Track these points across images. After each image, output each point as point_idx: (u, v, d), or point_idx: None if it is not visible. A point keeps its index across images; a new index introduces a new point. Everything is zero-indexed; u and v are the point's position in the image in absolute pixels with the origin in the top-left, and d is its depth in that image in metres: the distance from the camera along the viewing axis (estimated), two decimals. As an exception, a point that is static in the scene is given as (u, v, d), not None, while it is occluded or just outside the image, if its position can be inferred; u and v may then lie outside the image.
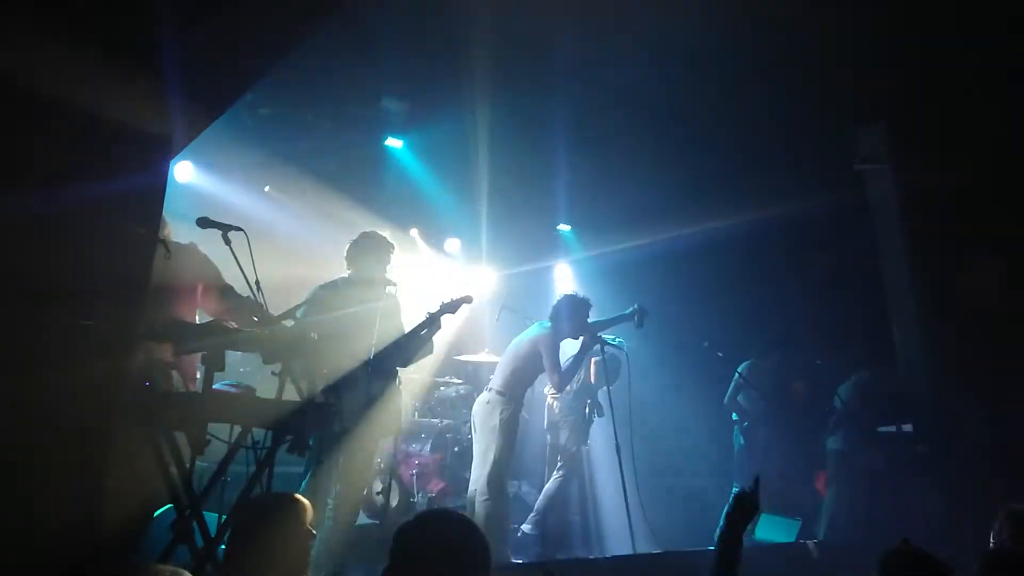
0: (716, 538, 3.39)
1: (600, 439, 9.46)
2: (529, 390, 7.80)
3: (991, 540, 4.44)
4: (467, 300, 6.86)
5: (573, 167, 9.56)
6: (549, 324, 7.59)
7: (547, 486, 8.56)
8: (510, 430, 7.36)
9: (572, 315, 7.61)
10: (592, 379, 8.79)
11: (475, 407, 7.62)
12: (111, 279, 3.49)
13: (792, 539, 8.90)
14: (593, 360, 8.56)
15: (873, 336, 9.54)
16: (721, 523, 3.39)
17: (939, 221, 8.68)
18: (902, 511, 8.52)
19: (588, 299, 7.82)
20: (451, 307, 6.74)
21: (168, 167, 3.83)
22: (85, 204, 3.40)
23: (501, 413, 7.30)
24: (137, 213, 3.54)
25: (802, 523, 9.16)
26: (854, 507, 8.92)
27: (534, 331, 7.63)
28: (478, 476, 7.32)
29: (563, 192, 10.39)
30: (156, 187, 3.70)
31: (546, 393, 8.86)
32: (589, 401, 8.65)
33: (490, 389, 7.50)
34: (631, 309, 8.06)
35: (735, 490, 8.83)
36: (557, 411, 8.77)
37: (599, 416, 8.69)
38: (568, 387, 8.40)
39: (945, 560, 3.54)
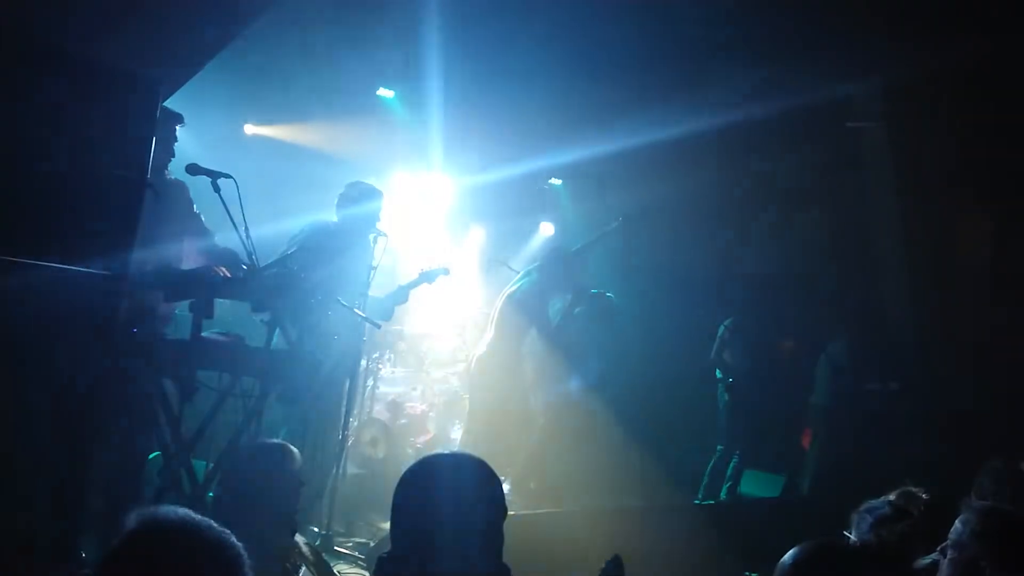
0: None
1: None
2: None
3: (972, 496, 4.49)
4: (445, 272, 6.95)
5: (566, 121, 9.49)
6: (536, 276, 7.54)
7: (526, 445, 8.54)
8: (507, 384, 7.40)
9: (559, 269, 7.56)
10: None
11: (472, 362, 7.62)
12: (99, 224, 3.46)
13: (776, 494, 8.99)
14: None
15: (862, 295, 9.57)
16: None
17: (931, 181, 8.67)
18: (886, 467, 8.60)
19: (576, 253, 7.78)
20: (429, 276, 6.84)
21: (156, 111, 3.78)
22: (73, 147, 3.36)
23: (498, 367, 7.32)
24: (126, 157, 3.50)
25: (787, 478, 9.25)
26: (838, 462, 8.99)
27: (522, 284, 7.60)
28: (470, 428, 7.37)
29: (555, 146, 10.32)
30: (145, 131, 3.65)
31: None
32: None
33: (486, 344, 7.50)
34: (615, 224, 8.02)
35: (719, 448, 8.90)
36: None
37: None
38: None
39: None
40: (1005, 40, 7.34)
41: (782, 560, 2.40)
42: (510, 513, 2.49)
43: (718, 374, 9.31)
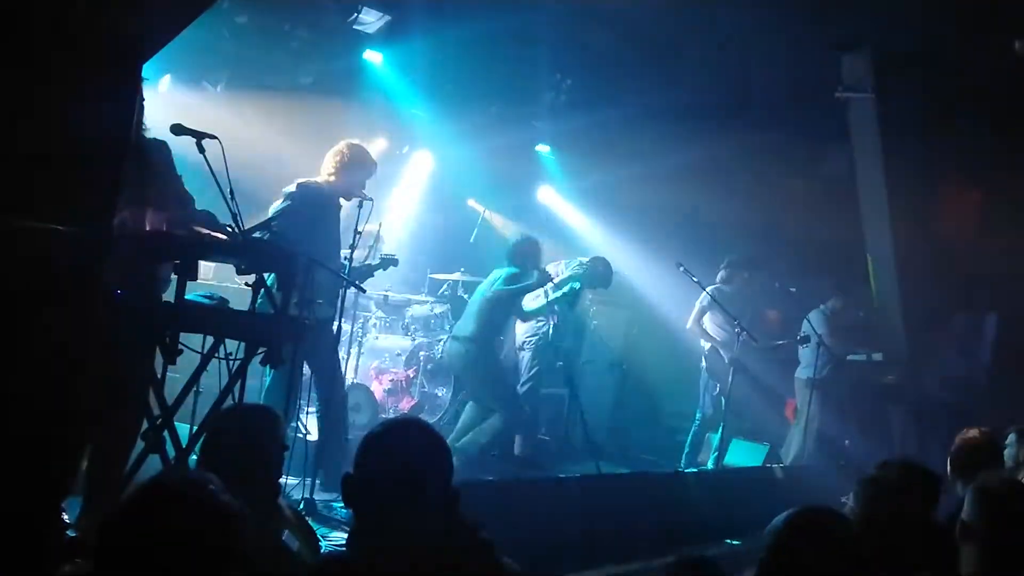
0: None
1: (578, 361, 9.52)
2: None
3: (948, 468, 4.54)
4: (395, 263, 7.17)
5: (554, 87, 9.44)
6: (512, 269, 7.78)
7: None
8: (493, 375, 7.57)
9: (531, 255, 7.86)
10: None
11: (452, 357, 7.78)
12: (81, 183, 3.41)
13: (759, 463, 9.05)
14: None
15: (848, 265, 9.59)
16: None
17: (919, 151, 8.67)
18: (869, 438, 8.66)
19: (536, 239, 8.10)
20: (384, 264, 7.08)
21: (139, 70, 3.72)
22: (52, 105, 3.31)
23: (477, 362, 7.49)
24: (108, 116, 3.45)
25: (770, 448, 9.31)
26: (822, 434, 9.05)
27: (498, 276, 7.77)
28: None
29: (543, 112, 10.28)
30: (127, 90, 3.60)
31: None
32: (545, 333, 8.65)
33: (464, 338, 7.63)
34: (585, 263, 8.16)
35: (698, 416, 8.95)
36: (517, 345, 8.77)
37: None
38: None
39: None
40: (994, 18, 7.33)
41: (774, 523, 2.38)
42: (496, 479, 2.52)
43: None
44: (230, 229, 4.64)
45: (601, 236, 10.14)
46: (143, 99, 4.36)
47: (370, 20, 8.45)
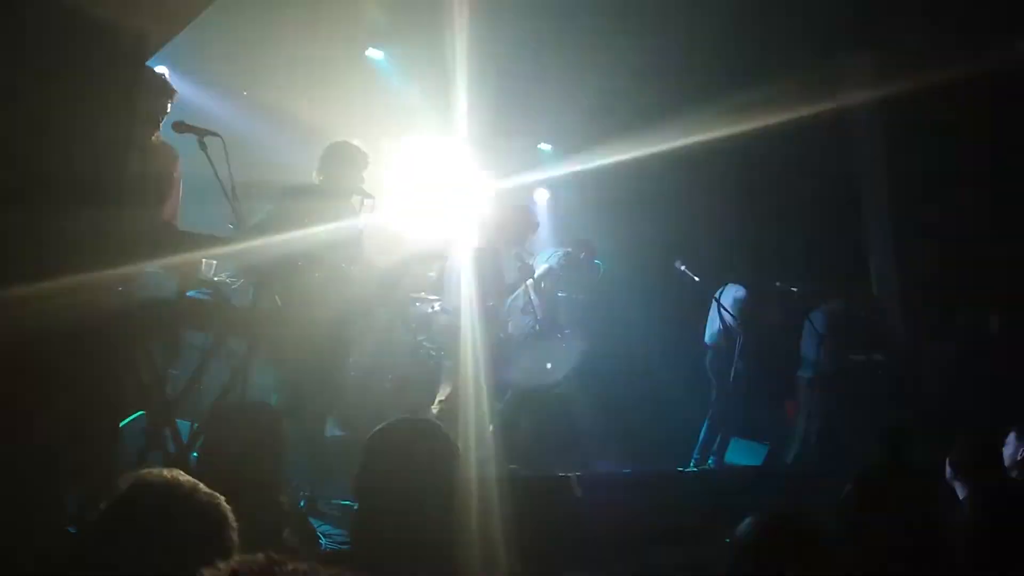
0: None
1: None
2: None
3: (947, 467, 4.55)
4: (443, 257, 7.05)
5: (556, 83, 9.43)
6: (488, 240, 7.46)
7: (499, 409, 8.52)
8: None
9: (516, 229, 7.52)
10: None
11: (436, 331, 7.45)
12: (86, 181, 3.41)
13: (759, 462, 9.05)
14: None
15: (849, 265, 9.58)
16: None
17: (921, 152, 8.67)
18: (869, 438, 8.63)
19: (535, 216, 7.70)
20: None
21: (142, 66, 3.73)
22: (58, 102, 3.31)
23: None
24: (113, 113, 3.45)
25: (770, 447, 9.31)
26: (824, 434, 9.04)
27: (473, 246, 7.50)
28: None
29: (544, 109, 10.26)
30: (130, 85, 3.60)
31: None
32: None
33: (444, 310, 7.39)
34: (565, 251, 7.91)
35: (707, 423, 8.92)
36: (509, 330, 8.63)
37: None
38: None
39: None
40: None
41: (736, 533, 2.34)
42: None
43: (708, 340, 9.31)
44: (232, 226, 4.65)
45: (598, 231, 10.07)
46: (170, 100, 4.39)
47: (372, 16, 8.45)
